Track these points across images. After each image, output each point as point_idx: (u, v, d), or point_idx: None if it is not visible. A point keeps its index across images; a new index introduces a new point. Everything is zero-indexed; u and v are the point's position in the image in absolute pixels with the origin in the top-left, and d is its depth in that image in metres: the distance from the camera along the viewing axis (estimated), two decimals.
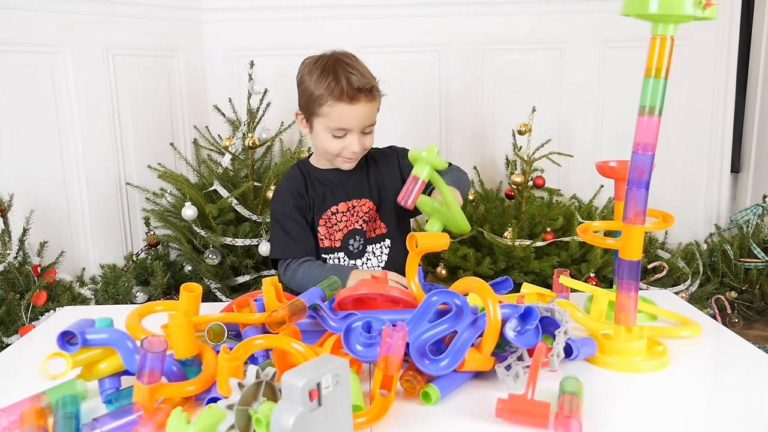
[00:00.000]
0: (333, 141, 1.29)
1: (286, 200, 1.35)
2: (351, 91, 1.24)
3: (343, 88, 1.24)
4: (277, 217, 1.35)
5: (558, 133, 2.38)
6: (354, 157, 1.32)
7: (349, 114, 1.26)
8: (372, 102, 1.28)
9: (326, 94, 1.25)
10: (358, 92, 1.24)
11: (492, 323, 0.83)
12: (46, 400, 0.77)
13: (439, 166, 1.07)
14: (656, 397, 0.83)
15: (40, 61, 1.94)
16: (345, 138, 1.29)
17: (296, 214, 1.34)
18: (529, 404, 0.75)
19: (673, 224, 0.99)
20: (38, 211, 1.85)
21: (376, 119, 1.32)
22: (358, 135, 1.29)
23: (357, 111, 1.26)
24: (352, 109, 1.25)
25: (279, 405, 0.61)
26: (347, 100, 1.24)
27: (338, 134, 1.28)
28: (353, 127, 1.28)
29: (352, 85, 1.24)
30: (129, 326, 0.86)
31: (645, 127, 0.85)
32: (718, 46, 2.40)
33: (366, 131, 1.30)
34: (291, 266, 1.31)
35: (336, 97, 1.24)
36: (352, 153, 1.30)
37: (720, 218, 2.53)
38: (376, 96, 1.30)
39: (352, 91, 1.24)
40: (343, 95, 1.24)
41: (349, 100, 1.24)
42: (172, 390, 0.77)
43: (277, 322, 0.83)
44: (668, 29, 0.81)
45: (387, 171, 1.40)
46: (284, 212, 1.34)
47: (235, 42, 2.35)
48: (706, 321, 1.09)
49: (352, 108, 1.25)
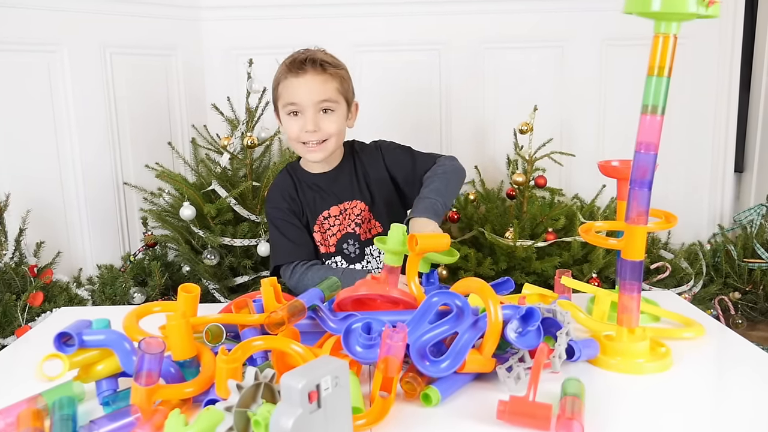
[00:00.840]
0: (291, 123, 1.30)
1: (279, 205, 1.35)
2: (297, 63, 1.28)
3: (291, 64, 1.29)
4: (273, 223, 1.35)
5: (560, 132, 2.37)
6: (314, 140, 1.29)
7: (297, 86, 1.28)
8: (322, 75, 1.28)
9: (279, 74, 1.31)
10: (303, 64, 1.27)
11: (493, 324, 0.83)
12: (42, 402, 0.77)
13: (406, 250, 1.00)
14: (659, 399, 0.83)
15: (37, 60, 1.94)
16: (299, 117, 1.29)
17: (292, 218, 1.34)
18: (530, 406, 0.75)
19: (676, 224, 0.99)
20: (35, 211, 1.85)
21: (336, 100, 1.30)
22: (313, 112, 1.28)
23: (304, 83, 1.27)
24: (298, 81, 1.28)
25: (278, 407, 0.61)
26: (294, 73, 1.28)
27: (291, 110, 1.29)
28: (303, 101, 1.28)
29: (298, 59, 1.28)
30: (126, 327, 0.86)
31: (647, 126, 0.85)
32: (722, 44, 2.40)
33: (323, 110, 1.29)
34: (297, 270, 1.30)
35: (284, 73, 1.29)
36: (308, 134, 1.28)
37: (723, 218, 2.53)
38: (330, 72, 1.29)
39: (299, 63, 1.28)
40: (291, 69, 1.28)
41: (296, 73, 1.28)
42: (169, 392, 0.77)
43: (276, 323, 0.83)
44: (671, 27, 0.81)
45: (373, 169, 1.38)
46: (280, 217, 1.34)
47: (233, 40, 2.35)
48: (709, 322, 1.09)
49: (299, 80, 1.27)
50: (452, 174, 1.35)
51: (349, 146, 1.42)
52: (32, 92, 1.93)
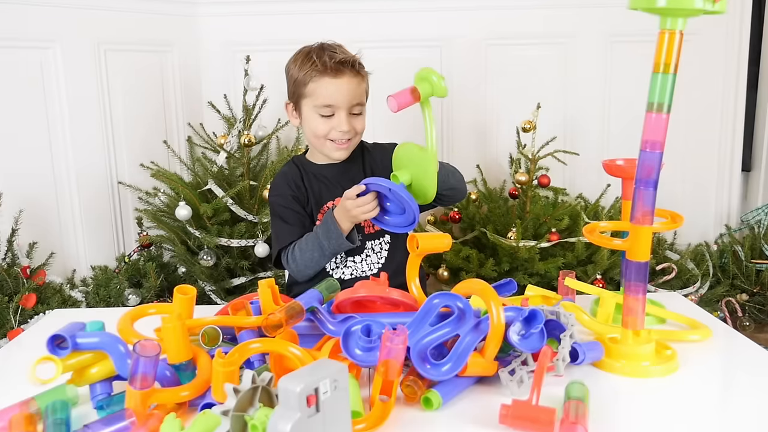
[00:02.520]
0: (320, 122, 1.31)
1: (283, 192, 1.36)
2: (334, 64, 1.28)
3: (326, 63, 1.28)
4: (276, 211, 1.37)
5: (563, 131, 2.38)
6: (344, 139, 1.31)
7: (334, 88, 1.28)
8: (357, 78, 1.30)
9: (310, 71, 1.29)
10: (341, 65, 1.28)
11: (495, 327, 0.83)
12: (35, 405, 0.77)
13: (441, 94, 1.12)
14: (665, 402, 0.83)
15: (30, 57, 1.94)
16: (332, 118, 1.30)
17: (296, 205, 1.35)
18: (533, 410, 0.75)
19: (682, 224, 0.99)
20: (27, 211, 1.85)
21: (365, 101, 1.33)
22: (346, 114, 1.30)
23: (342, 85, 1.28)
24: (336, 83, 1.28)
25: (275, 411, 0.61)
26: (331, 73, 1.28)
27: (325, 113, 1.30)
28: (339, 102, 1.29)
29: (335, 59, 1.28)
30: (121, 330, 0.86)
31: (653, 124, 0.85)
32: (729, 40, 2.40)
33: (354, 112, 1.31)
34: (290, 252, 1.32)
35: (320, 71, 1.28)
36: (341, 133, 1.30)
37: (731, 218, 2.53)
38: (363, 74, 1.32)
39: (336, 64, 1.28)
40: (327, 69, 1.28)
41: (334, 74, 1.28)
42: (165, 395, 0.77)
43: (274, 326, 0.83)
44: (677, 23, 0.81)
45: (382, 165, 1.39)
46: (282, 204, 1.36)
47: (230, 36, 2.35)
48: (716, 324, 1.09)
49: (337, 81, 1.28)
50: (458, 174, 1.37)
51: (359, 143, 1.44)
52: (25, 89, 1.93)
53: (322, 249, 1.26)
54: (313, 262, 1.28)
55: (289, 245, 1.33)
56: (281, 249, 1.34)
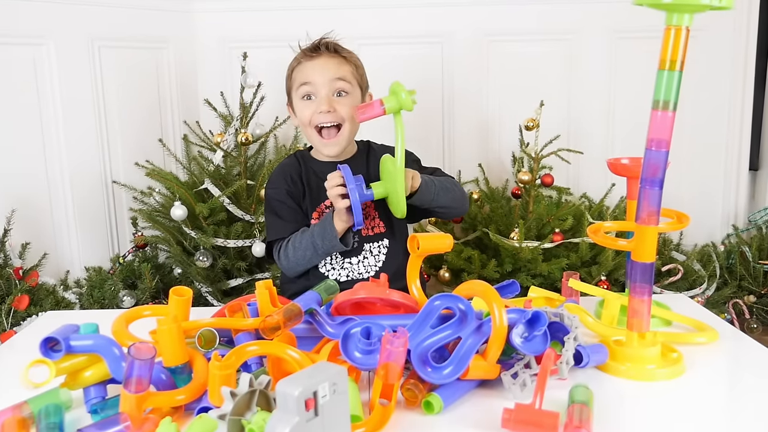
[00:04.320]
0: (303, 106, 1.34)
1: (279, 186, 1.38)
2: (311, 47, 1.35)
3: (305, 49, 1.36)
4: (270, 204, 1.39)
5: (567, 129, 2.37)
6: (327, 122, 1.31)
7: (312, 68, 1.33)
8: (336, 58, 1.34)
9: (294, 63, 1.37)
10: (317, 47, 1.34)
11: (498, 329, 0.83)
12: (28, 409, 0.77)
13: (407, 108, 1.15)
14: (671, 406, 0.83)
15: (22, 53, 1.93)
16: (313, 101, 1.33)
17: (289, 200, 1.36)
18: (536, 414, 0.75)
19: (689, 225, 0.99)
20: (20, 211, 1.85)
21: (349, 82, 1.34)
22: (327, 94, 1.32)
23: (317, 64, 1.33)
24: (312, 63, 1.33)
25: (273, 415, 0.61)
26: (308, 56, 1.34)
27: (304, 92, 1.33)
28: (316, 80, 1.32)
29: (312, 44, 1.35)
30: (115, 332, 0.86)
31: (659, 122, 0.85)
32: (736, 37, 2.39)
33: (337, 92, 1.33)
34: (282, 246, 1.33)
35: (298, 58, 1.36)
36: (322, 115, 1.31)
37: (738, 218, 2.53)
38: (345, 56, 1.36)
39: (313, 47, 1.35)
40: (305, 54, 1.35)
41: (310, 56, 1.34)
42: (160, 399, 0.77)
43: (272, 328, 0.83)
44: (683, 19, 0.81)
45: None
46: (277, 198, 1.37)
47: (227, 33, 2.35)
48: (723, 326, 1.09)
49: (313, 62, 1.33)
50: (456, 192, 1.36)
51: (364, 144, 1.45)
52: (17, 87, 1.93)
53: (315, 248, 1.27)
54: (305, 260, 1.30)
55: (281, 240, 1.34)
56: (272, 243, 1.36)
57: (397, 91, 1.14)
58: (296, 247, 1.30)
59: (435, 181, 1.30)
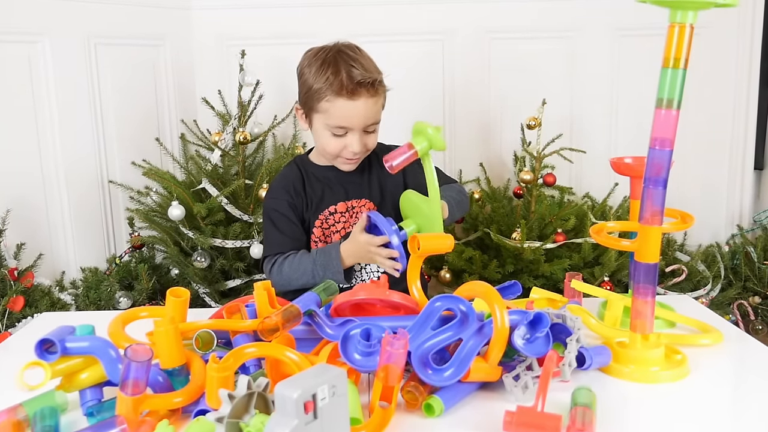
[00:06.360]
0: (332, 140, 1.29)
1: (280, 197, 1.36)
2: (351, 84, 1.23)
3: (343, 82, 1.23)
4: (269, 215, 1.37)
5: (570, 128, 2.37)
6: (355, 158, 1.32)
7: (350, 111, 1.25)
8: (375, 98, 1.27)
9: (325, 87, 1.24)
10: (358, 86, 1.23)
11: (499, 330, 0.83)
12: (23, 412, 0.77)
13: (439, 147, 1.11)
14: (675, 409, 0.83)
15: (17, 51, 1.93)
16: (345, 137, 1.29)
17: (290, 213, 1.35)
18: (539, 417, 0.75)
19: (693, 225, 0.99)
20: (15, 211, 1.85)
21: (380, 117, 1.32)
22: (360, 134, 1.28)
23: (358, 107, 1.25)
24: (352, 105, 1.24)
25: (272, 418, 0.61)
26: (347, 95, 1.23)
27: (338, 132, 1.28)
28: (354, 125, 1.27)
29: (352, 78, 1.23)
30: (112, 334, 0.86)
31: (662, 121, 0.85)
32: (741, 34, 2.40)
33: (369, 130, 1.30)
34: (277, 262, 1.32)
35: (335, 91, 1.24)
36: (353, 154, 1.30)
37: (742, 218, 2.53)
38: (380, 92, 1.29)
39: (352, 85, 1.23)
40: (343, 89, 1.23)
41: (349, 95, 1.23)
42: (157, 402, 0.77)
43: (270, 330, 0.83)
44: (687, 16, 0.81)
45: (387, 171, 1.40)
46: (277, 210, 1.35)
47: (225, 30, 2.35)
48: (727, 328, 1.09)
49: (353, 104, 1.24)
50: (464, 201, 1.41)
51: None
52: (12, 85, 1.92)
53: (314, 275, 1.26)
54: (298, 283, 1.29)
55: (277, 255, 1.33)
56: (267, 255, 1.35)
57: (424, 131, 1.11)
58: (293, 269, 1.29)
59: (452, 201, 1.31)
